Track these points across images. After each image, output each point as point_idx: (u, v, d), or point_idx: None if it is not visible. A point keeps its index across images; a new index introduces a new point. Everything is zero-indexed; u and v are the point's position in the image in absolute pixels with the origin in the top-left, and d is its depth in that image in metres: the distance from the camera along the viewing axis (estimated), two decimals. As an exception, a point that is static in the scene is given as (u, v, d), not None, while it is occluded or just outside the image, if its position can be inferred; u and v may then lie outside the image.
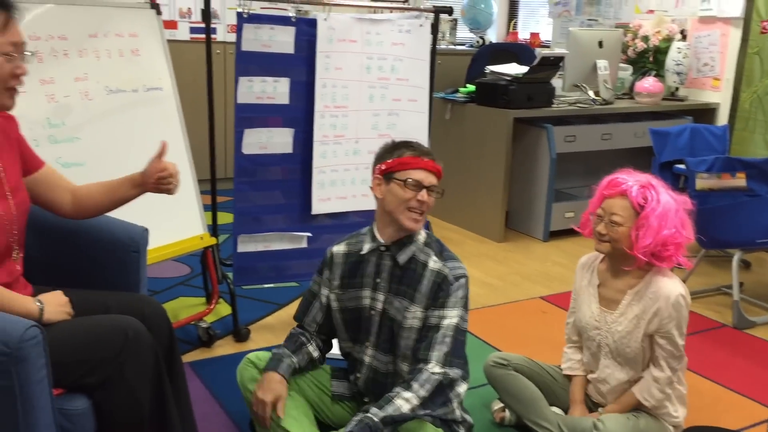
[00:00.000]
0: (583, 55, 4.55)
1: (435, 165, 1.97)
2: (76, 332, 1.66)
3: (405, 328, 1.95)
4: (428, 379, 1.86)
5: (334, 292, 2.10)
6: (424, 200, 1.94)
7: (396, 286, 1.99)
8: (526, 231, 4.51)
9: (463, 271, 1.98)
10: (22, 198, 1.79)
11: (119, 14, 2.73)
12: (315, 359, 2.15)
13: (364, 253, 2.04)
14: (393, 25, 3.07)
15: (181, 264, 3.64)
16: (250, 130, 2.83)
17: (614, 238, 2.08)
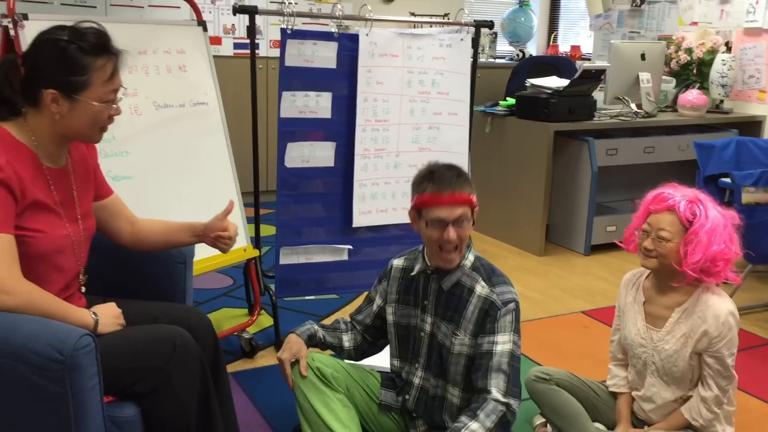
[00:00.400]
0: (625, 68, 4.51)
1: (456, 197, 1.85)
2: (126, 341, 1.71)
3: (454, 354, 1.95)
4: (494, 409, 1.83)
5: (390, 306, 2.11)
6: (451, 239, 1.86)
7: (442, 311, 1.98)
8: (567, 245, 4.47)
9: (512, 296, 1.94)
10: (90, 223, 1.86)
11: (168, 31, 2.81)
12: (345, 348, 2.17)
13: (413, 274, 2.05)
14: (434, 40, 3.09)
15: (224, 275, 3.69)
16: (293, 143, 2.87)
17: (662, 253, 2.05)
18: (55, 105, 1.63)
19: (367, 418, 2.13)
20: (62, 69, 1.62)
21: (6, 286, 1.53)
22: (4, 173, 1.56)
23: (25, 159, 1.65)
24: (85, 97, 1.64)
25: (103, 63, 1.65)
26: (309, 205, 2.99)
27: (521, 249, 4.43)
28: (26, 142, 1.67)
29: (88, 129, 1.70)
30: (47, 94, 1.62)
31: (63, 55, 1.62)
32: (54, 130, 1.68)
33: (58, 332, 1.46)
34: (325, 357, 2.10)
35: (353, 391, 2.10)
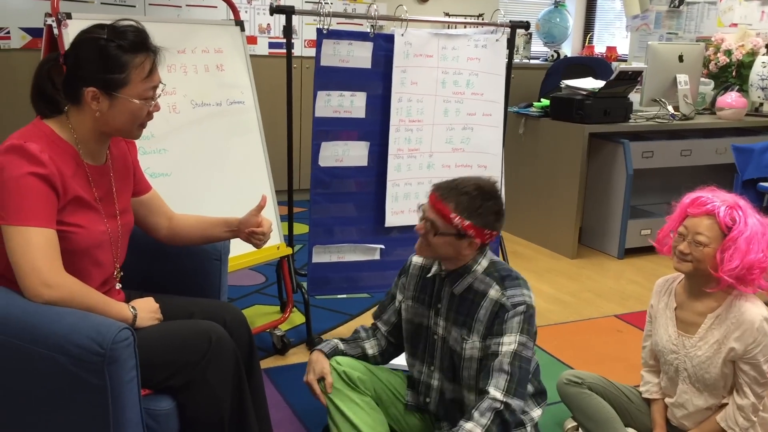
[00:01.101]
0: (662, 70, 4.45)
1: (434, 201, 1.90)
2: (163, 336, 1.73)
3: (465, 358, 1.94)
4: (489, 407, 1.82)
5: (406, 302, 2.12)
6: (416, 227, 1.95)
7: (454, 316, 1.98)
8: (601, 248, 4.43)
9: (522, 299, 1.91)
10: (128, 219, 1.89)
11: (206, 31, 2.85)
12: (370, 356, 2.18)
13: (429, 275, 2.05)
14: (469, 40, 3.08)
15: (257, 273, 3.73)
16: (327, 143, 2.89)
17: (697, 258, 2.02)
18: (95, 103, 1.66)
19: (394, 419, 2.14)
20: (102, 67, 1.64)
21: (48, 280, 1.56)
22: (48, 170, 1.60)
23: (67, 156, 1.69)
24: (125, 95, 1.67)
25: (141, 60, 1.67)
26: (342, 205, 3.01)
27: (554, 251, 4.40)
28: (68, 139, 1.70)
29: (128, 125, 1.73)
30: (88, 92, 1.65)
31: (102, 54, 1.64)
32: (95, 128, 1.71)
33: (98, 325, 1.49)
34: (350, 360, 2.11)
35: (380, 393, 2.11)
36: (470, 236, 1.88)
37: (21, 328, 1.50)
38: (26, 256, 1.56)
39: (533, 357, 1.94)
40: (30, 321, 1.51)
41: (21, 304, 1.55)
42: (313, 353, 2.12)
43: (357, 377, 2.06)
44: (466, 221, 1.86)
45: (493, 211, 1.90)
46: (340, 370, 2.06)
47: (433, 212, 1.90)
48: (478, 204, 1.87)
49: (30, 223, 1.57)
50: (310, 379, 2.06)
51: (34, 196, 1.58)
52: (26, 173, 1.57)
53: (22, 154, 1.58)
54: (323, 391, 2.04)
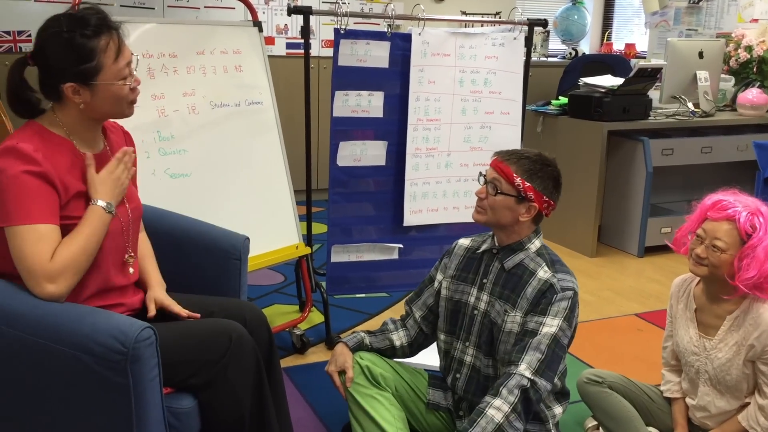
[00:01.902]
0: (682, 66, 4.41)
1: (498, 163, 1.97)
2: (184, 335, 1.75)
3: (504, 332, 1.95)
4: (517, 384, 1.82)
5: (446, 280, 2.14)
6: (477, 192, 2.00)
7: (500, 290, 1.99)
8: (620, 246, 4.40)
9: (571, 285, 1.94)
10: (136, 204, 1.90)
11: (224, 32, 2.86)
12: (398, 347, 2.18)
13: (479, 251, 2.08)
14: (487, 39, 3.08)
15: (275, 272, 3.75)
16: (345, 142, 2.90)
17: (714, 263, 1.99)
18: (77, 96, 1.66)
19: (414, 417, 2.15)
20: (72, 60, 1.63)
21: (49, 273, 1.56)
22: (43, 167, 1.60)
23: (62, 149, 1.69)
24: (102, 80, 1.66)
25: (107, 42, 1.65)
26: (360, 204, 3.01)
27: (573, 250, 4.38)
28: (60, 133, 1.70)
29: (116, 107, 1.72)
30: (67, 88, 1.65)
31: (68, 47, 1.63)
32: (83, 117, 1.71)
33: (120, 324, 1.50)
34: (373, 356, 2.12)
35: (401, 391, 2.12)
36: (530, 199, 1.93)
37: (45, 327, 1.52)
38: (24, 255, 1.57)
39: (567, 347, 1.96)
40: (53, 320, 1.52)
41: (44, 303, 1.57)
42: (338, 345, 2.13)
43: (379, 373, 2.07)
44: (527, 182, 1.92)
45: (553, 177, 1.98)
46: (362, 365, 2.07)
47: (495, 173, 1.97)
48: (539, 167, 1.95)
49: (28, 221, 1.58)
50: (330, 370, 2.09)
51: (31, 194, 1.59)
52: (21, 172, 1.58)
53: (16, 155, 1.59)
54: (343, 383, 2.05)
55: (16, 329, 1.52)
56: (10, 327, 1.53)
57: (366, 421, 2.01)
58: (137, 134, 2.51)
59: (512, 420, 1.80)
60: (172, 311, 1.86)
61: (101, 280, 1.74)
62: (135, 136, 2.45)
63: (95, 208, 1.68)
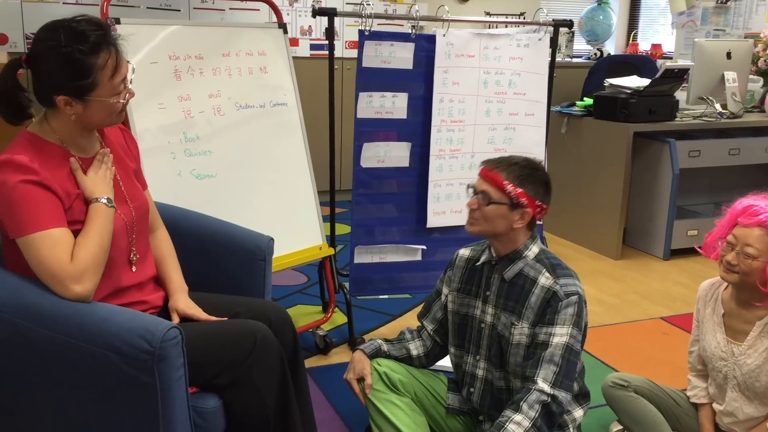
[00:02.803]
0: (709, 67, 4.36)
1: (486, 173, 1.94)
2: (209, 335, 1.76)
3: (513, 344, 1.94)
4: (537, 399, 1.82)
5: (452, 293, 2.13)
6: (468, 203, 1.96)
7: (504, 302, 1.97)
8: (646, 249, 4.35)
9: (575, 289, 1.91)
10: (141, 202, 1.88)
11: (249, 34, 2.88)
12: (414, 357, 2.18)
13: (479, 264, 2.06)
14: (511, 40, 3.06)
15: (299, 273, 3.76)
16: (369, 144, 2.90)
17: (744, 270, 1.96)
18: (69, 108, 1.66)
19: (435, 422, 2.14)
20: (68, 76, 1.61)
21: (73, 274, 1.58)
22: (40, 176, 1.60)
23: (57, 156, 1.69)
24: (96, 96, 1.65)
25: (105, 59, 1.63)
26: (383, 205, 3.01)
27: (597, 252, 4.34)
28: (54, 140, 1.70)
29: (106, 119, 1.72)
30: (59, 100, 1.64)
31: (66, 62, 1.60)
32: (75, 126, 1.71)
33: (147, 324, 1.52)
34: (391, 362, 2.12)
35: (420, 396, 2.11)
36: (523, 205, 1.91)
37: (74, 326, 1.54)
38: (43, 261, 1.58)
39: (581, 351, 1.94)
40: (82, 320, 1.54)
41: (73, 303, 1.58)
42: (356, 353, 2.14)
43: (397, 379, 2.07)
44: (518, 189, 1.89)
45: (543, 181, 1.95)
46: (380, 371, 2.07)
47: (485, 183, 1.94)
48: (528, 172, 1.92)
49: (39, 228, 1.59)
50: (349, 378, 2.09)
51: (36, 202, 1.60)
52: (20, 182, 1.58)
53: (12, 167, 1.59)
54: (362, 390, 2.05)
55: (47, 328, 1.55)
56: (40, 326, 1.55)
57: (387, 426, 2.01)
58: (163, 135, 2.55)
59: None
60: (198, 320, 1.86)
61: (113, 279, 1.75)
62: (161, 137, 2.49)
63: (97, 206, 1.69)
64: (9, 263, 1.74)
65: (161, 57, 2.58)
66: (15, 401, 1.67)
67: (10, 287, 1.61)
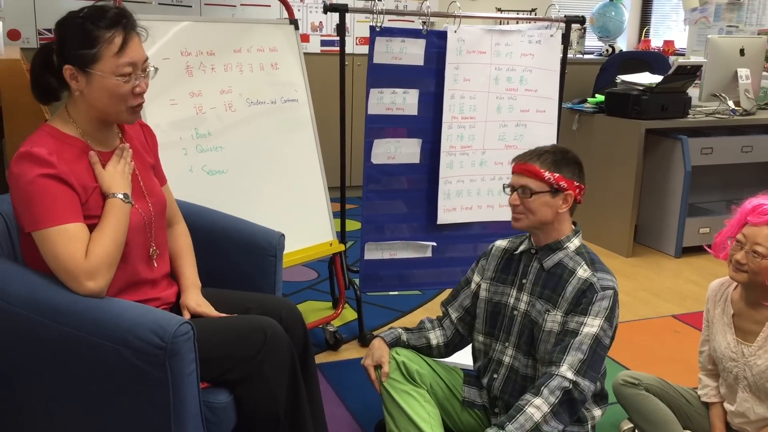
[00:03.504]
0: (722, 64, 4.33)
1: (521, 167, 1.98)
2: (221, 331, 1.77)
3: (545, 331, 1.95)
4: (558, 385, 1.83)
5: (485, 282, 2.14)
6: (510, 201, 1.99)
7: (540, 290, 1.99)
8: (657, 246, 4.34)
9: (611, 284, 1.93)
10: (159, 198, 1.89)
11: (261, 30, 2.88)
12: (434, 346, 2.18)
13: (516, 252, 2.08)
14: (523, 36, 3.05)
15: (309, 269, 3.77)
16: (380, 140, 2.90)
17: (754, 269, 1.95)
18: (74, 82, 1.66)
19: (449, 415, 2.14)
20: (75, 43, 1.64)
21: (88, 270, 1.59)
22: (58, 169, 1.61)
23: (76, 149, 1.70)
24: (98, 70, 1.64)
25: (112, 35, 1.64)
26: (394, 202, 3.01)
27: (608, 250, 4.32)
28: (73, 133, 1.71)
29: (112, 105, 1.69)
30: (66, 70, 1.65)
31: (76, 30, 1.64)
32: (89, 113, 1.71)
33: (159, 319, 1.53)
34: (409, 352, 2.12)
35: (436, 388, 2.12)
36: (564, 189, 1.95)
37: (87, 321, 1.55)
38: (58, 257, 1.59)
39: (609, 347, 1.94)
40: (95, 315, 1.55)
41: (86, 298, 1.59)
42: (375, 340, 2.14)
43: (415, 369, 2.07)
44: (556, 174, 1.94)
45: (576, 161, 2.01)
46: (399, 360, 2.07)
47: (522, 177, 1.97)
48: (561, 157, 1.98)
49: (55, 223, 1.59)
50: (367, 364, 2.09)
51: (52, 196, 1.60)
52: (37, 176, 1.59)
53: (31, 159, 1.60)
54: (378, 378, 2.05)
55: (60, 323, 1.56)
56: (53, 321, 1.56)
57: (400, 416, 2.01)
58: (175, 131, 2.56)
59: (549, 419, 1.80)
60: (209, 317, 1.87)
61: (129, 274, 1.76)
62: (172, 133, 2.49)
63: (114, 201, 1.70)
64: (25, 256, 1.76)
65: (173, 53, 2.59)
66: (27, 395, 1.68)
67: (23, 282, 1.63)
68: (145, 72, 1.72)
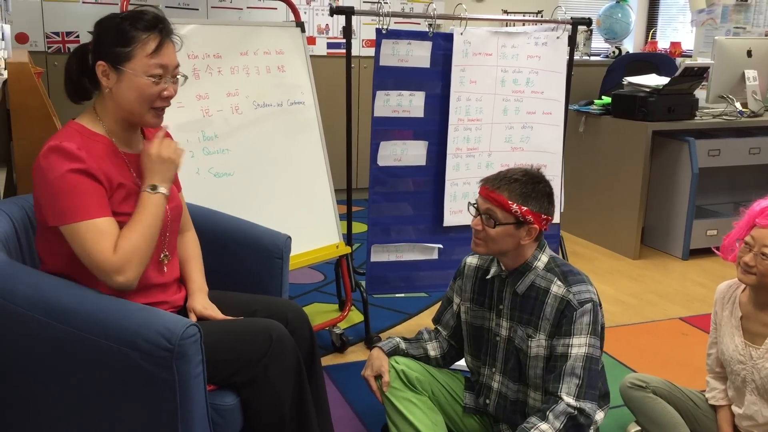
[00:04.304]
0: (729, 65, 4.31)
1: (487, 192, 1.89)
2: (226, 333, 1.77)
3: (531, 357, 1.93)
4: (563, 411, 1.82)
5: (464, 304, 2.11)
6: (472, 224, 1.92)
7: (519, 315, 1.96)
8: (664, 248, 4.32)
9: (589, 296, 1.89)
10: (176, 203, 1.91)
11: (267, 33, 2.89)
12: (432, 358, 2.18)
13: (488, 277, 2.04)
14: (529, 38, 3.05)
15: (315, 271, 3.77)
16: (386, 142, 2.90)
17: (762, 272, 1.94)
18: (105, 78, 1.70)
19: (452, 420, 2.14)
20: (110, 40, 1.69)
21: (116, 266, 1.60)
22: (86, 164, 1.63)
23: (103, 147, 1.72)
24: (129, 68, 1.67)
25: (147, 36, 1.69)
26: (400, 204, 3.01)
27: (615, 252, 4.31)
28: (100, 131, 1.74)
29: (138, 105, 1.71)
30: (98, 66, 1.69)
31: (113, 29, 1.69)
32: (116, 113, 1.74)
33: (166, 322, 1.53)
34: (409, 361, 2.11)
35: (437, 395, 2.11)
36: (529, 222, 1.87)
37: (94, 323, 1.55)
38: (87, 252, 1.61)
39: (601, 355, 1.93)
40: (102, 316, 1.56)
41: (93, 299, 1.60)
42: (374, 350, 2.14)
43: (415, 377, 2.06)
44: (523, 207, 1.86)
45: (546, 193, 1.91)
46: (398, 369, 2.07)
47: (489, 204, 1.89)
48: (531, 188, 1.88)
49: (84, 217, 1.61)
50: (367, 375, 2.09)
51: (81, 191, 1.62)
52: (67, 171, 1.61)
53: (60, 154, 1.62)
54: (379, 388, 2.05)
55: (67, 325, 1.56)
56: (60, 322, 1.57)
57: (403, 425, 2.01)
58: (182, 134, 2.56)
59: None
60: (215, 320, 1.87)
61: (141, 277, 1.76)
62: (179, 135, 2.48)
63: (152, 197, 1.71)
64: (40, 248, 1.77)
65: (180, 56, 2.57)
66: (34, 396, 1.68)
67: (30, 284, 1.63)
68: (175, 78, 1.76)
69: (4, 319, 1.62)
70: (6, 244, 1.82)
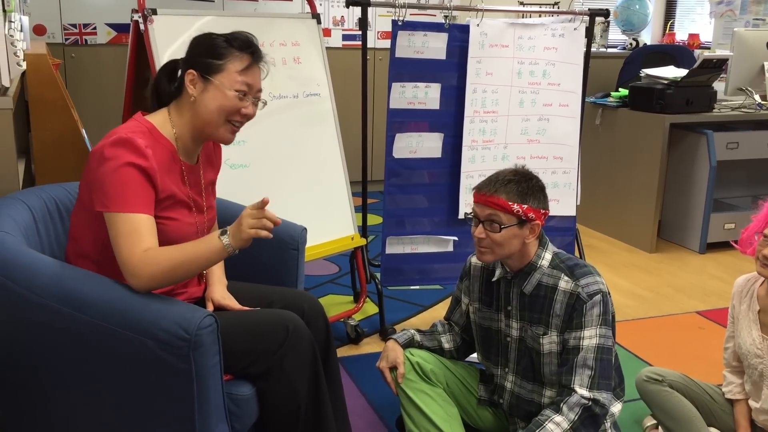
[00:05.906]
0: (749, 57, 4.27)
1: (486, 198, 1.88)
2: (243, 324, 1.78)
3: (545, 354, 1.93)
4: (577, 402, 1.82)
5: (473, 304, 2.12)
6: (475, 234, 1.90)
7: (528, 314, 1.95)
8: (681, 242, 4.29)
9: (597, 287, 1.88)
10: (213, 214, 1.96)
11: (283, 24, 2.89)
12: (446, 350, 2.18)
13: (493, 279, 2.03)
14: (546, 30, 3.03)
15: (330, 263, 3.78)
16: (401, 134, 2.90)
17: None
18: (192, 87, 1.75)
19: (467, 412, 2.14)
20: (204, 52, 1.76)
21: (136, 267, 1.61)
22: (149, 163, 1.66)
23: (166, 152, 1.75)
24: (218, 80, 1.73)
25: (240, 55, 1.76)
26: (415, 196, 3.01)
27: (631, 245, 4.29)
28: (168, 135, 1.77)
29: (216, 115, 1.75)
30: (188, 74, 1.75)
31: (208, 42, 1.78)
32: (191, 123, 1.77)
33: (183, 312, 1.54)
34: (424, 353, 2.12)
35: (452, 386, 2.12)
36: (531, 219, 1.87)
37: (112, 313, 1.56)
38: (118, 244, 1.62)
39: (614, 344, 1.92)
40: (121, 306, 1.57)
41: (111, 289, 1.61)
42: (389, 342, 2.14)
43: (430, 369, 2.07)
44: (524, 205, 1.86)
45: (540, 188, 1.92)
46: (413, 361, 2.07)
47: (489, 209, 1.88)
48: (525, 186, 1.88)
49: (124, 209, 1.63)
50: (382, 366, 2.09)
51: (134, 186, 1.64)
52: (126, 163, 1.63)
53: (130, 147, 1.64)
54: (394, 379, 2.06)
55: (85, 314, 1.57)
56: (79, 312, 1.58)
57: (418, 416, 2.01)
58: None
59: None
60: (232, 311, 1.90)
61: None
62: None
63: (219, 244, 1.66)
64: (74, 230, 1.80)
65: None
66: (52, 384, 1.70)
67: (50, 274, 1.65)
68: (256, 100, 1.82)
69: (23, 308, 1.64)
70: (25, 233, 1.84)
